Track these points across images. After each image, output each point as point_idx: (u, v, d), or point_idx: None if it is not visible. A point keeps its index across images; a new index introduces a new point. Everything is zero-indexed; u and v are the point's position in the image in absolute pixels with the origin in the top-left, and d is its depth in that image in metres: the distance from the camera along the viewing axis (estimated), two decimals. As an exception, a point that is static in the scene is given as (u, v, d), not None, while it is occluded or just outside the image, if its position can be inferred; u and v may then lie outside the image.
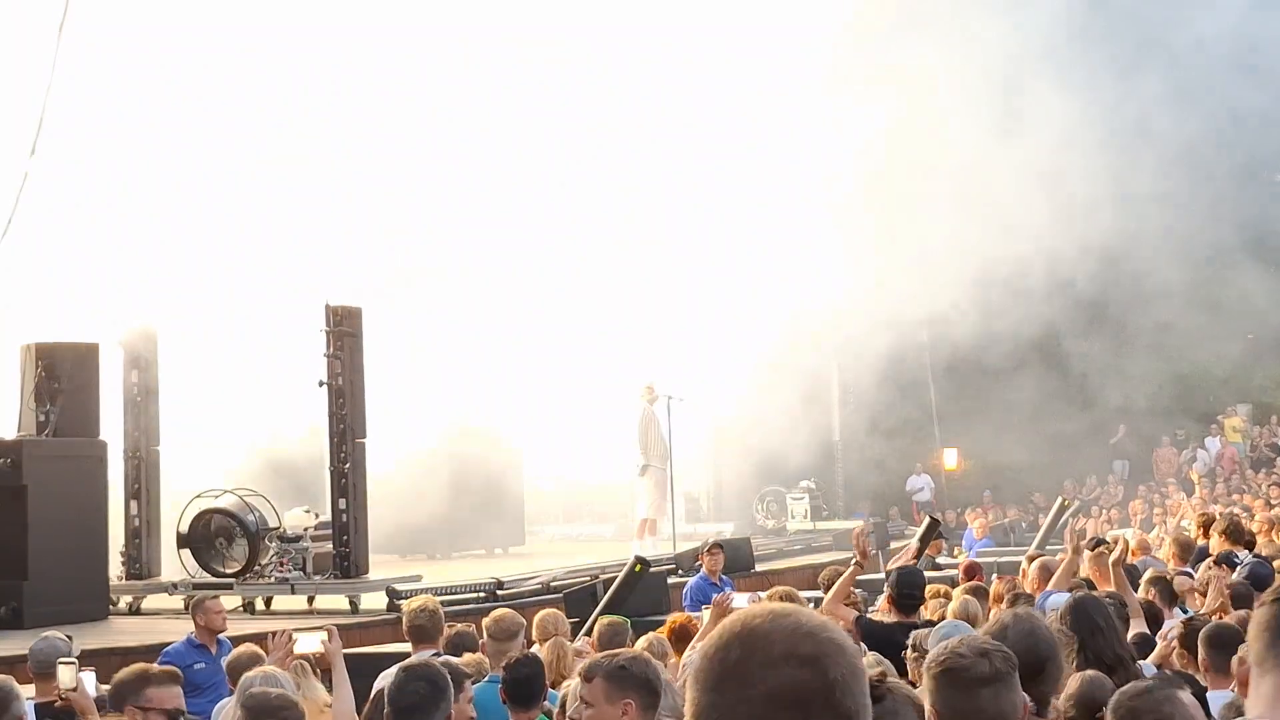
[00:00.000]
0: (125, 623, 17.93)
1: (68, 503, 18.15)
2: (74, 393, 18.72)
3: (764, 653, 2.28)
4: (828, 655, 2.29)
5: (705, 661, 2.35)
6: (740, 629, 2.34)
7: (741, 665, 2.29)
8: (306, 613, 17.56)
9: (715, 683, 2.31)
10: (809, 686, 2.26)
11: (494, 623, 10.59)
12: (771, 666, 2.27)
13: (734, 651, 2.31)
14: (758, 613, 2.37)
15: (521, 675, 7.23)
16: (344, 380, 18.78)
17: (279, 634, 9.14)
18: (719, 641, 2.35)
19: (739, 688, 2.27)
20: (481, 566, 23.79)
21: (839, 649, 2.32)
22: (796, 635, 2.30)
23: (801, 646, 2.29)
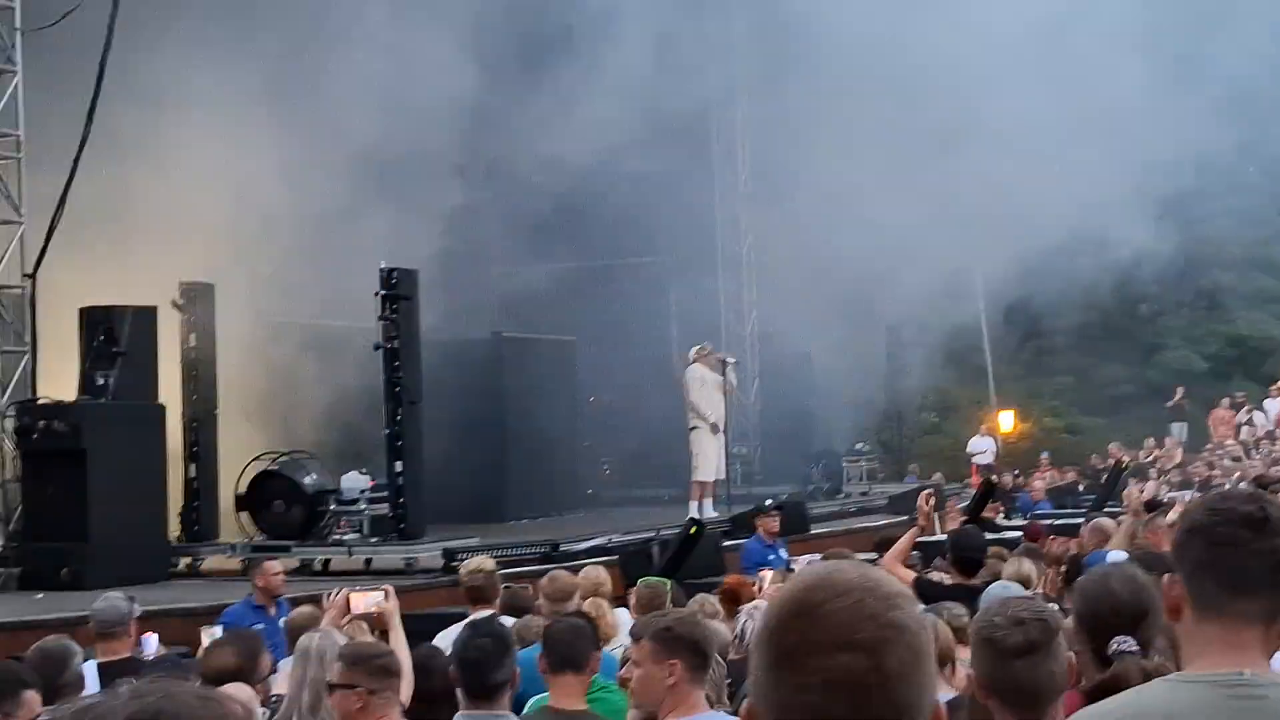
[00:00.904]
0: (184, 584, 18.03)
1: (126, 466, 18.26)
2: (132, 356, 18.82)
3: (821, 639, 2.23)
4: (888, 641, 2.23)
5: (768, 636, 2.31)
6: (800, 607, 2.28)
7: (798, 651, 2.24)
8: (363, 574, 17.62)
9: (773, 663, 2.27)
10: (865, 678, 2.21)
11: (550, 583, 10.64)
12: (825, 653, 2.22)
13: (791, 634, 2.26)
14: (819, 585, 2.30)
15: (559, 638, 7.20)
16: (399, 343, 18.83)
17: (335, 593, 9.17)
18: (780, 619, 2.30)
19: (795, 674, 2.23)
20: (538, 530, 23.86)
21: (901, 632, 2.25)
22: (857, 618, 2.24)
23: (861, 631, 2.23)
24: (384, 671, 6.45)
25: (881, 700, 2.22)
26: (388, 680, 6.43)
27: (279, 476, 19.64)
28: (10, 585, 17.39)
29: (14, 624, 14.06)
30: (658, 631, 6.05)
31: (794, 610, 2.29)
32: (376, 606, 8.85)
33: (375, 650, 6.65)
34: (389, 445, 18.99)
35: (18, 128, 18.94)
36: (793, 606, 2.30)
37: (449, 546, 17.92)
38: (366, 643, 6.95)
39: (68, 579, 17.07)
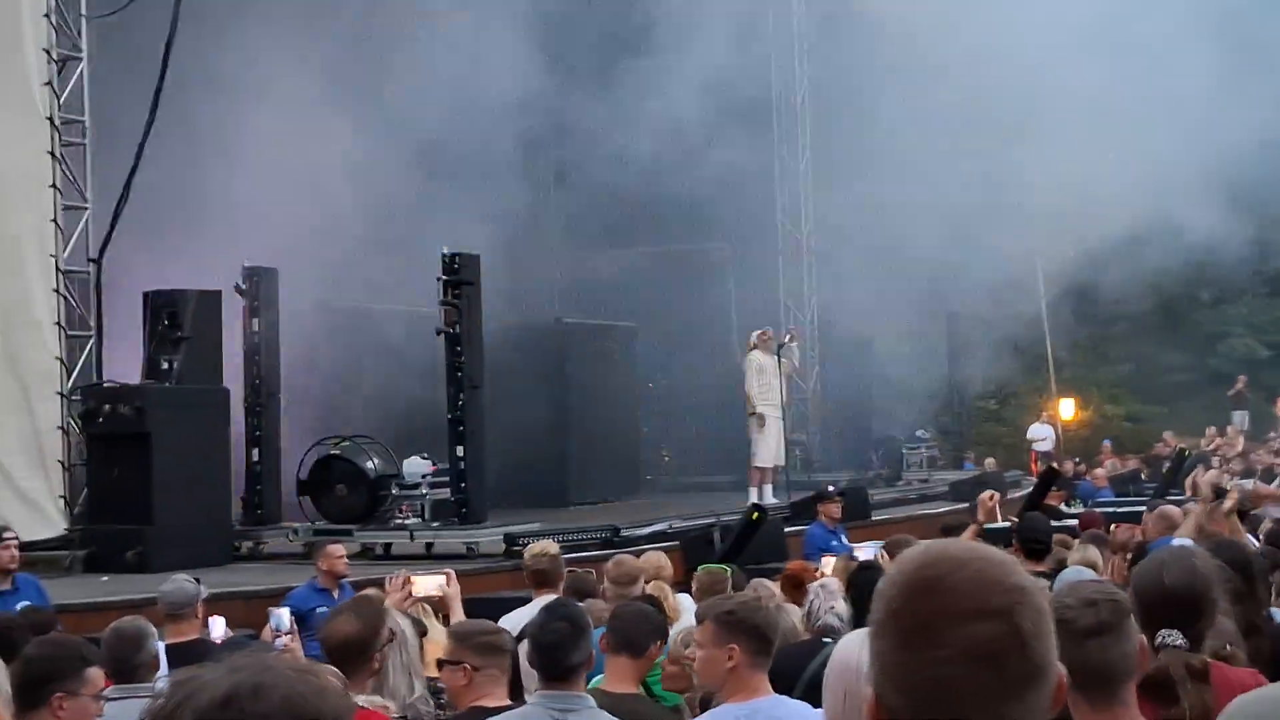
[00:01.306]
0: (247, 567, 18.13)
1: (191, 449, 18.37)
2: (196, 340, 18.92)
3: (952, 610, 2.25)
4: (1017, 604, 2.26)
5: (890, 617, 2.32)
6: (923, 583, 2.30)
7: (930, 623, 2.26)
8: (425, 558, 17.69)
9: (903, 640, 2.29)
10: (1003, 643, 2.24)
11: (615, 568, 10.66)
12: (961, 623, 2.25)
13: (920, 610, 2.28)
14: (936, 560, 2.33)
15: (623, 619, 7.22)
16: (461, 328, 18.87)
17: (397, 576, 9.21)
18: (903, 595, 2.32)
19: (929, 646, 2.25)
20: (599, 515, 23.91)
21: (1026, 594, 2.29)
22: (984, 587, 2.27)
23: (990, 599, 2.26)
24: (488, 649, 6.52)
25: (1019, 662, 2.26)
26: (492, 657, 6.50)
27: (341, 461, 19.72)
28: (76, 568, 17.52)
29: (81, 606, 14.15)
30: (719, 615, 6.12)
31: (919, 587, 2.31)
32: (438, 589, 8.88)
33: (482, 628, 6.72)
34: (451, 430, 19.03)
35: (84, 114, 19.07)
36: (917, 583, 2.32)
37: (510, 531, 17.96)
38: (475, 621, 7.03)
39: (133, 561, 17.20)
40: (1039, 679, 2.28)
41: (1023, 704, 2.28)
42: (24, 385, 18.19)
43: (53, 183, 18.43)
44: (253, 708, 2.10)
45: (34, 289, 18.33)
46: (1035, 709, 2.29)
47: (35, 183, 18.34)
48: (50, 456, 18.26)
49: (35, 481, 18.13)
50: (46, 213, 18.40)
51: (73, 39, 18.97)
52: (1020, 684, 2.27)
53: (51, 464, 18.26)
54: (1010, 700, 2.27)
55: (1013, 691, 2.27)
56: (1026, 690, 2.28)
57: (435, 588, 8.98)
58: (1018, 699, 2.27)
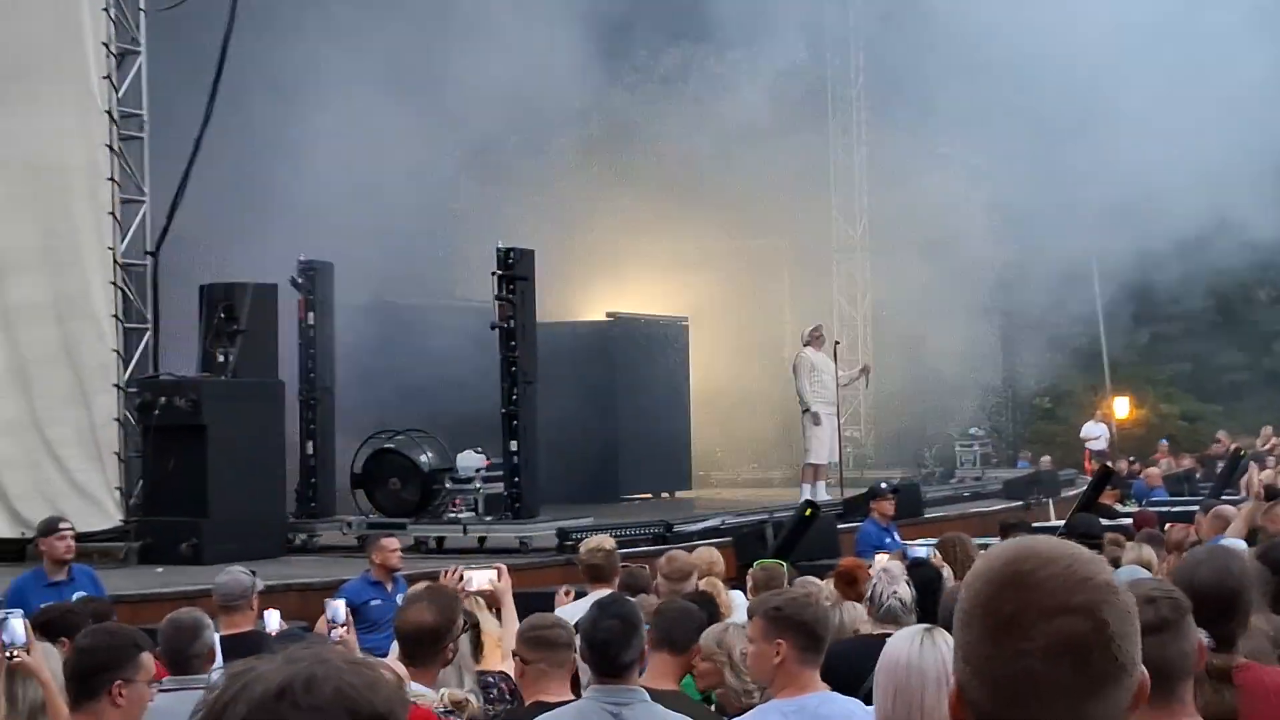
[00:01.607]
0: (301, 560, 18.20)
1: (246, 441, 18.42)
2: (252, 333, 18.99)
3: (1039, 605, 2.28)
4: (1104, 602, 2.29)
5: (977, 609, 2.34)
6: (1011, 577, 2.32)
7: (1017, 618, 2.28)
8: (477, 552, 17.71)
9: (989, 633, 2.31)
10: (1087, 639, 2.27)
11: (668, 563, 10.66)
12: (1047, 618, 2.27)
13: (1007, 603, 2.30)
14: (1025, 556, 2.35)
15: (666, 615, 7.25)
16: (515, 323, 18.90)
17: (450, 571, 9.22)
18: (990, 589, 2.34)
19: (1015, 640, 2.27)
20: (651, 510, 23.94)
21: (1112, 593, 2.32)
22: (1070, 583, 2.29)
23: (1076, 596, 2.28)
24: (539, 642, 6.56)
25: (1103, 659, 2.28)
26: (542, 651, 6.54)
27: (395, 454, 19.77)
28: (131, 559, 17.60)
29: (136, 597, 14.24)
30: (767, 611, 6.15)
31: (1007, 580, 2.33)
32: (489, 584, 8.90)
33: (540, 622, 6.76)
34: (504, 424, 19.06)
35: (142, 107, 19.18)
36: (1006, 576, 2.34)
37: (563, 526, 17.97)
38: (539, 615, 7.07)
39: (187, 553, 17.28)
40: (1122, 678, 2.30)
41: (1105, 702, 2.30)
42: (81, 378, 18.30)
43: (110, 176, 18.53)
44: (306, 700, 2.11)
45: (92, 282, 18.44)
46: (1116, 708, 2.31)
47: (93, 176, 18.45)
48: (106, 448, 18.36)
49: (91, 473, 18.25)
50: (104, 205, 18.50)
51: (131, 32, 19.08)
52: (1103, 681, 2.29)
53: (107, 456, 18.36)
54: (1092, 698, 2.29)
55: (1095, 689, 2.29)
56: (1109, 688, 2.30)
57: (487, 582, 8.99)
58: (1100, 697, 2.29)
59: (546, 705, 6.36)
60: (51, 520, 13.11)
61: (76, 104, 18.46)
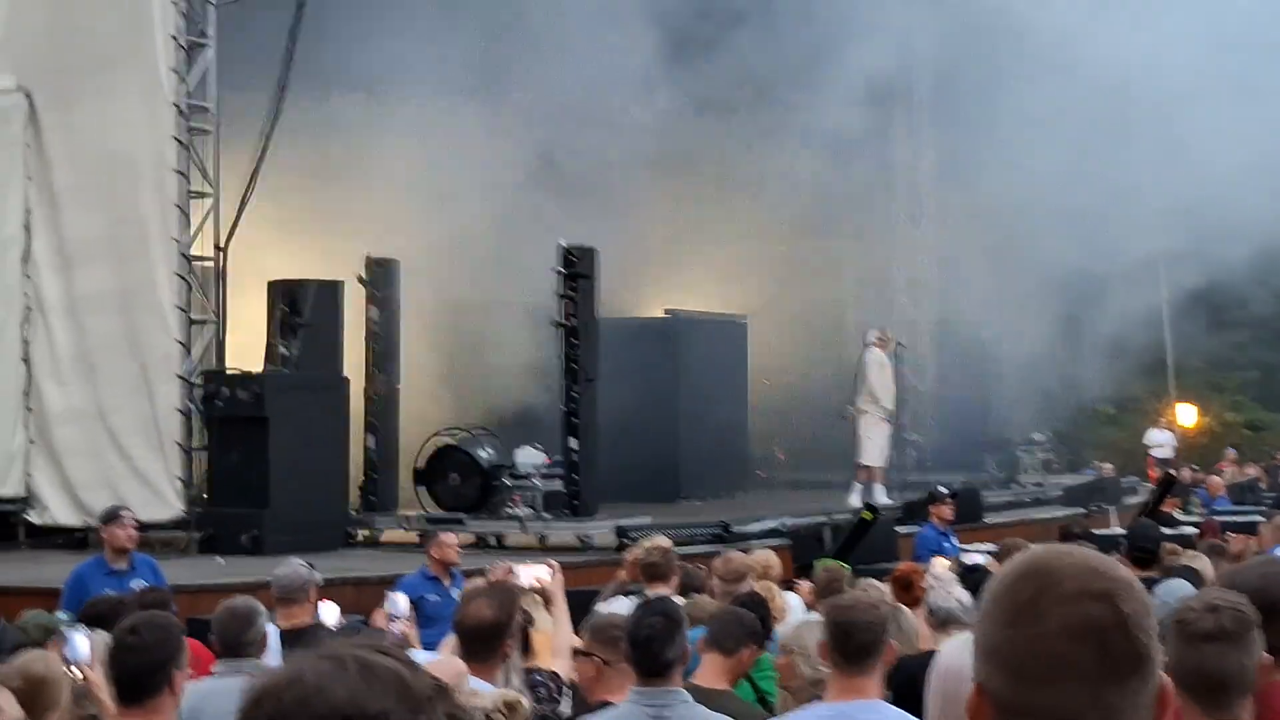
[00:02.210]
0: (360, 554, 18.26)
1: (308, 435, 18.54)
2: (317, 329, 19.12)
3: (1057, 589, 2.32)
4: (1120, 590, 2.33)
5: (996, 599, 2.39)
6: (1031, 567, 2.38)
7: (1035, 602, 2.32)
8: (537, 549, 17.75)
9: (1009, 618, 2.34)
10: (1104, 621, 2.30)
11: (723, 564, 10.66)
12: (1065, 602, 2.31)
13: (1026, 589, 2.34)
14: (1043, 552, 2.42)
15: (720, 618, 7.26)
16: (577, 321, 18.95)
17: (498, 567, 9.22)
18: (1009, 580, 2.39)
19: (1034, 623, 2.31)
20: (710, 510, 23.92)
21: (1129, 585, 2.35)
22: (1087, 572, 2.34)
23: (1094, 583, 2.32)
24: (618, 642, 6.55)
25: (1122, 643, 2.31)
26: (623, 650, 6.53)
27: (456, 451, 19.86)
28: (192, 549, 17.73)
29: (195, 587, 14.33)
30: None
31: (1026, 569, 2.39)
32: (537, 580, 8.90)
33: (615, 621, 6.75)
34: (565, 422, 19.12)
35: (209, 100, 19.30)
36: (1024, 567, 2.40)
37: (622, 524, 18.00)
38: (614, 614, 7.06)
39: (248, 544, 17.40)
40: (1140, 667, 2.32)
41: (1123, 690, 2.31)
42: (145, 367, 18.44)
43: (177, 168, 18.65)
44: None
45: (158, 273, 18.58)
46: (1135, 699, 2.32)
47: (161, 168, 18.58)
48: (169, 438, 18.50)
49: (153, 463, 18.38)
50: (171, 197, 18.63)
51: (201, 25, 19.20)
52: (1121, 667, 2.31)
53: (170, 446, 18.49)
54: (1110, 683, 2.30)
55: (1113, 674, 2.30)
56: (1128, 675, 2.31)
57: (535, 579, 9.00)
58: (1118, 683, 2.31)
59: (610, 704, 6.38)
60: (113, 508, 13.20)
61: (145, 96, 18.60)
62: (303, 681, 2.11)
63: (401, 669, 2.18)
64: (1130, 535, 11.00)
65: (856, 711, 5.90)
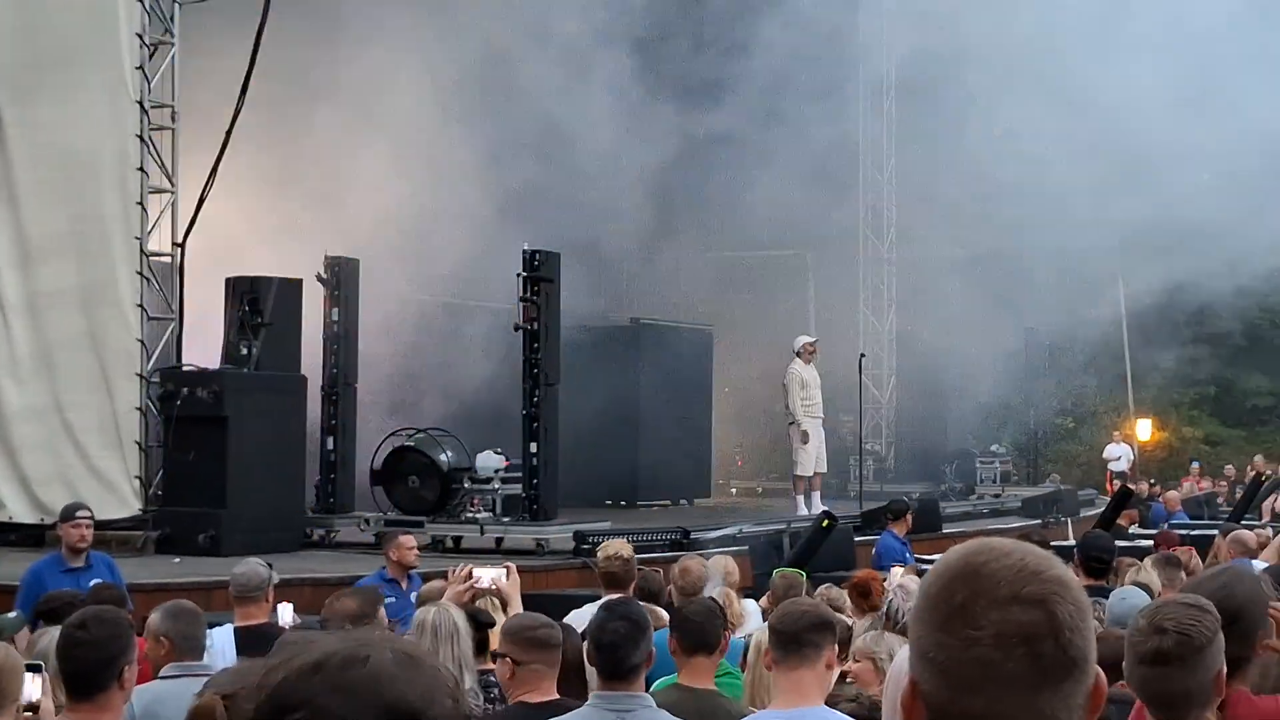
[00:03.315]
0: (318, 555, 18.21)
1: (267, 435, 18.46)
2: (276, 327, 19.04)
3: (990, 594, 2.28)
4: (1054, 595, 2.29)
5: (929, 601, 2.35)
6: (963, 569, 2.33)
7: (968, 606, 2.29)
8: (494, 553, 17.71)
9: (941, 623, 2.31)
10: (1037, 628, 2.26)
11: (681, 575, 10.67)
12: (998, 607, 2.27)
13: (959, 593, 2.30)
14: (978, 551, 2.36)
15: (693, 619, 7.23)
16: (539, 325, 18.92)
17: (460, 568, 9.22)
18: (942, 582, 2.34)
19: (966, 627, 2.28)
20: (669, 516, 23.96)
21: (1065, 587, 2.31)
22: (1022, 576, 2.30)
23: (1027, 587, 2.29)
24: (532, 643, 6.54)
25: (1054, 651, 2.27)
26: (536, 652, 6.53)
27: (415, 452, 19.81)
28: (149, 548, 17.65)
29: (152, 586, 14.26)
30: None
31: (959, 571, 2.34)
32: (493, 582, 8.89)
33: (529, 622, 6.74)
34: (525, 426, 19.07)
35: (173, 98, 19.25)
36: (958, 568, 2.35)
37: (580, 529, 17.98)
38: (527, 614, 7.05)
39: (205, 544, 17.32)
40: (1074, 671, 2.29)
41: (1056, 694, 2.29)
42: (104, 365, 18.37)
43: (140, 166, 18.60)
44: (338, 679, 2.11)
45: (118, 270, 18.51)
46: (1070, 702, 2.30)
47: (123, 165, 18.52)
48: (127, 437, 18.43)
49: (111, 461, 18.31)
50: (133, 195, 18.58)
51: (165, 23, 19.16)
52: (1054, 673, 2.28)
53: (128, 444, 18.43)
54: (1044, 689, 2.28)
55: (1046, 680, 2.28)
56: (1060, 681, 2.29)
57: (495, 580, 8.99)
58: (1051, 689, 2.28)
59: (530, 706, 6.37)
60: (71, 507, 13.17)
61: (109, 94, 18.54)
62: (370, 663, 2.12)
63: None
64: (1082, 546, 11.02)
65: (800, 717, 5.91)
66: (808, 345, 24.13)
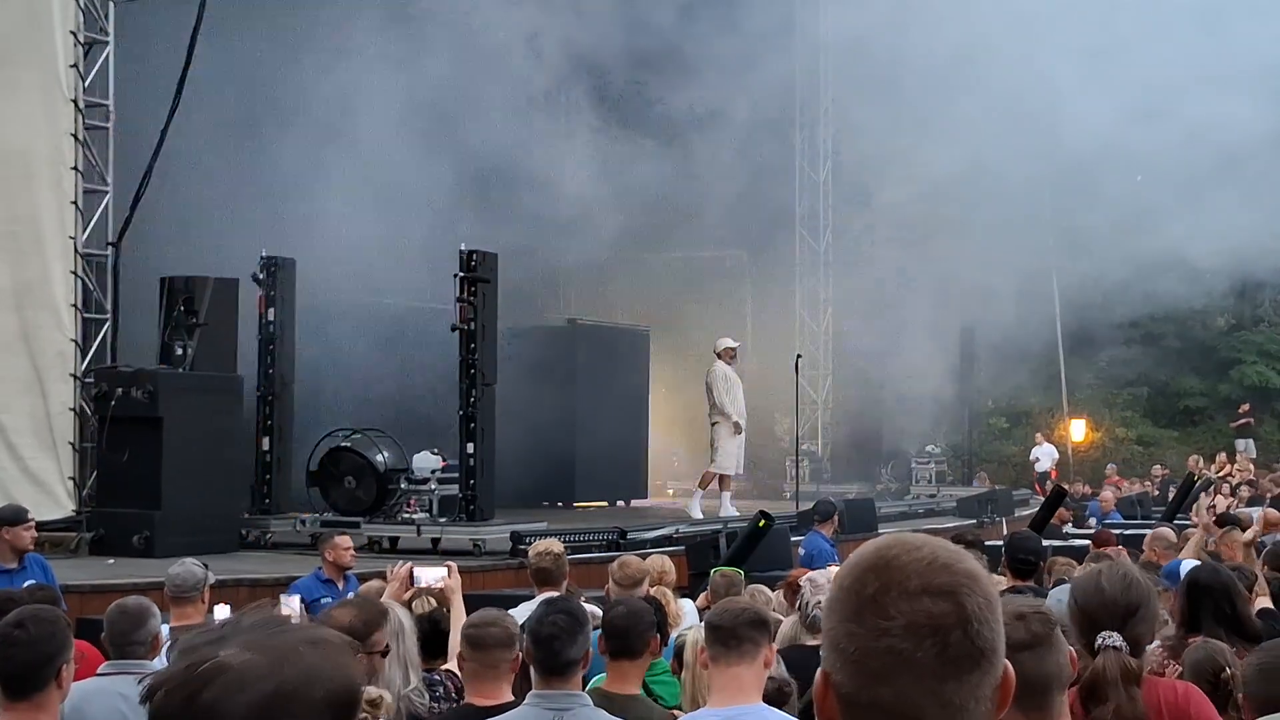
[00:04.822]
0: (253, 556, 18.14)
1: (202, 435, 18.36)
2: (212, 327, 18.94)
3: (900, 585, 2.31)
4: (963, 587, 2.32)
5: (842, 592, 2.38)
6: (876, 561, 2.37)
7: (879, 597, 2.32)
8: (431, 553, 17.69)
9: (853, 613, 2.34)
10: (946, 619, 2.29)
11: (620, 569, 10.68)
12: (908, 598, 2.30)
13: (870, 584, 2.34)
14: (891, 544, 2.40)
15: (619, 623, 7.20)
16: (476, 325, 18.89)
17: (399, 566, 9.20)
18: (855, 574, 2.38)
19: (876, 617, 2.31)
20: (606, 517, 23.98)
21: (973, 580, 2.35)
22: (932, 568, 2.33)
23: (937, 579, 2.32)
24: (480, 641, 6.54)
25: (962, 641, 2.30)
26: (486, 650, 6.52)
27: (351, 453, 19.75)
28: (83, 550, 17.55)
29: (87, 588, 14.20)
30: None
31: (870, 564, 2.37)
32: (440, 581, 8.88)
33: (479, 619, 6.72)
34: (462, 426, 19.05)
35: (108, 98, 19.14)
36: (869, 560, 2.38)
37: (517, 529, 17.97)
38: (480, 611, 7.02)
39: (139, 545, 17.23)
40: (982, 663, 2.33)
41: (963, 685, 2.32)
42: (37, 366, 18.25)
43: (74, 165, 18.49)
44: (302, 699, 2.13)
45: (52, 270, 18.39)
46: (977, 694, 2.33)
47: (57, 164, 18.41)
48: (61, 438, 18.31)
49: (45, 462, 18.20)
50: (67, 194, 18.47)
51: (100, 22, 19.05)
52: (962, 663, 2.31)
53: (62, 445, 18.31)
54: (950, 679, 2.31)
55: (953, 670, 2.31)
56: (968, 672, 2.32)
57: (436, 580, 8.98)
58: (958, 679, 2.31)
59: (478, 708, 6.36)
60: (20, 510, 13.08)
61: (43, 92, 18.42)
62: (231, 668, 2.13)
63: None
64: (1009, 545, 11.03)
65: (741, 716, 5.93)
66: (729, 349, 24.18)
